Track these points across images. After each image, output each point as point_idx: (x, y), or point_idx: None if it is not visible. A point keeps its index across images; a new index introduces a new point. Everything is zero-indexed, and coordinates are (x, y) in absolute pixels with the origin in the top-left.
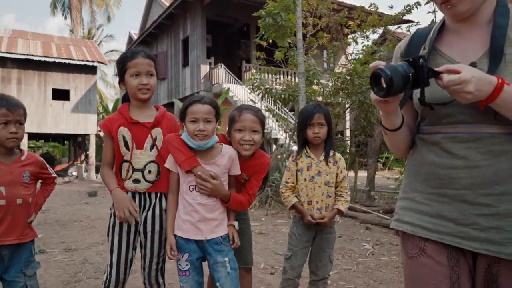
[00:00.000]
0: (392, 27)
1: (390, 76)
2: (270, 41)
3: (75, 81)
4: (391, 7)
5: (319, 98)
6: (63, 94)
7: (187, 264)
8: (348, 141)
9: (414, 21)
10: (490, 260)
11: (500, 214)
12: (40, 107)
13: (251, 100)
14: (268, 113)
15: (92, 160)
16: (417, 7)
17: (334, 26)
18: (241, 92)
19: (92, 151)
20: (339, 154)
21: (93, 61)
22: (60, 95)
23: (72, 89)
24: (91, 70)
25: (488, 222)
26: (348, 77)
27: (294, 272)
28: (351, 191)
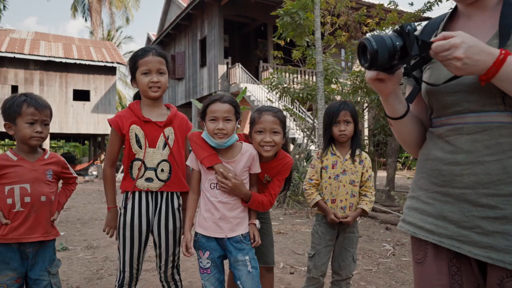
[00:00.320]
0: None
1: (376, 48)
2: (288, 40)
3: (95, 82)
4: (411, 4)
5: (338, 97)
6: (84, 95)
7: (208, 262)
8: (367, 140)
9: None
10: (504, 274)
11: (508, 218)
12: (62, 108)
13: (269, 100)
14: (286, 113)
15: None
16: (438, 4)
17: (353, 24)
18: (259, 92)
19: None
20: (365, 153)
21: (113, 62)
22: (81, 96)
23: (92, 90)
24: (111, 71)
25: (493, 226)
26: None
27: (318, 271)
28: None
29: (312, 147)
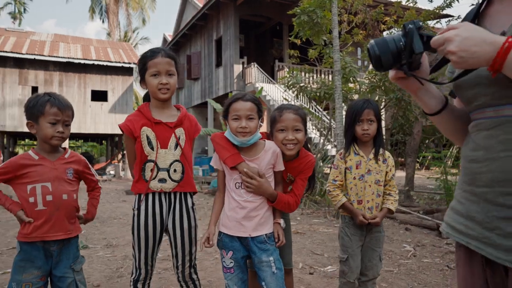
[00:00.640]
0: (431, 22)
1: (378, 54)
2: (304, 39)
3: (113, 83)
4: (431, 1)
5: (355, 96)
6: (102, 95)
7: (231, 262)
8: (384, 140)
9: (454, 16)
10: None
11: None
12: (80, 108)
13: (285, 99)
14: None
15: None
16: (458, 0)
17: (370, 23)
18: (275, 91)
19: None
20: (388, 152)
21: (130, 63)
22: (99, 96)
23: (110, 90)
24: (128, 72)
25: (511, 228)
26: (385, 74)
27: (354, 274)
28: None
29: (329, 147)
